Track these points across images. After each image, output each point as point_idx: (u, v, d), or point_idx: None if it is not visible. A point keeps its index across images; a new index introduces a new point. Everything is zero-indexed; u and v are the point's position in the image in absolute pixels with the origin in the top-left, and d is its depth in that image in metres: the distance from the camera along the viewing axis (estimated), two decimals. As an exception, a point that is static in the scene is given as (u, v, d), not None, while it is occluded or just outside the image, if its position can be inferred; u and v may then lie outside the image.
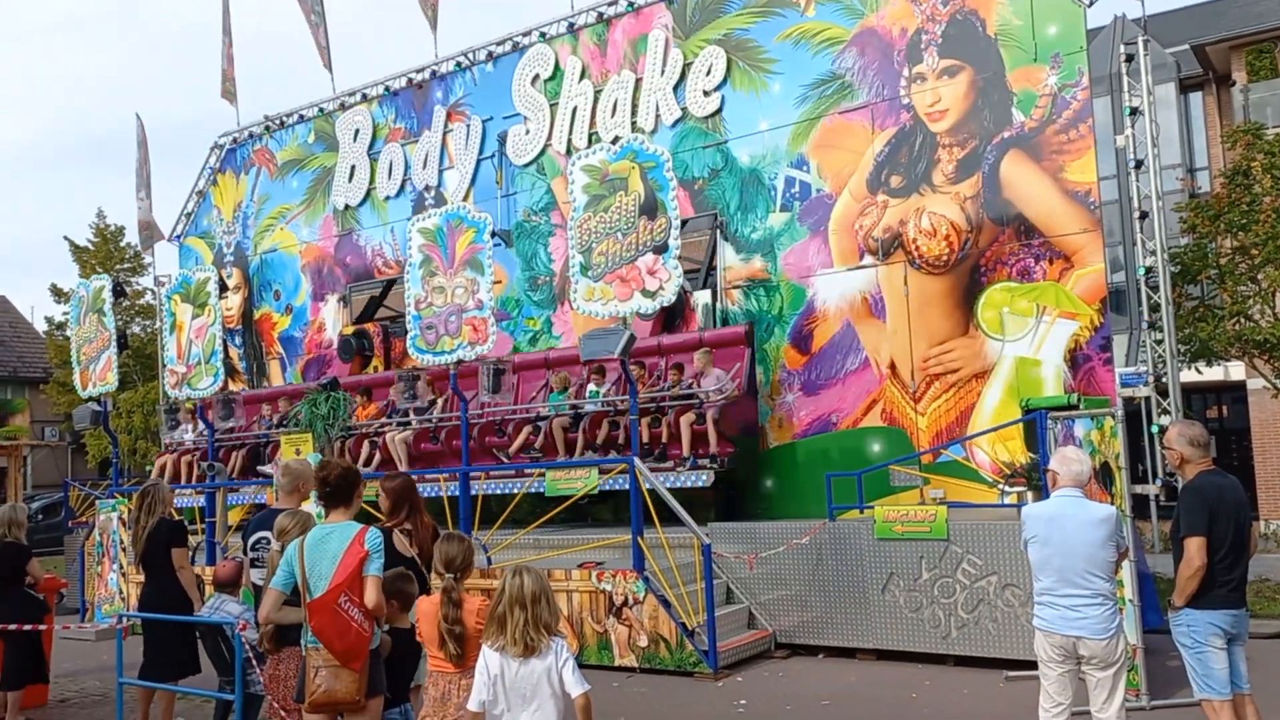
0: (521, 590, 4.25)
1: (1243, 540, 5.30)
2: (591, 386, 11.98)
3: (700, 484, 10.70)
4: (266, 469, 13.54)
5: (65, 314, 28.84)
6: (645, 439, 10.86)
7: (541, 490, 10.58)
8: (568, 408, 11.91)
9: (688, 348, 11.82)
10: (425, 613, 4.78)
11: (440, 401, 13.00)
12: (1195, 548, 5.21)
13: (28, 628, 8.00)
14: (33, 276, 65.47)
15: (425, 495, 12.63)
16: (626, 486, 9.78)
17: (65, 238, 34.75)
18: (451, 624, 4.63)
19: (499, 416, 12.42)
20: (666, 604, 9.21)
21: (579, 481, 10.25)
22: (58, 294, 29.86)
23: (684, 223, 12.54)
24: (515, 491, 10.58)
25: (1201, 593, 5.24)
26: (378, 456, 12.88)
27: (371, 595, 4.77)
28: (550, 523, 10.58)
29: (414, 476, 6.94)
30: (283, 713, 5.66)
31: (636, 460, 9.56)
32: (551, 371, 12.71)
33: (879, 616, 9.17)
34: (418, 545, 5.69)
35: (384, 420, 13.30)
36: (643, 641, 9.27)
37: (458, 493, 10.57)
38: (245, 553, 6.43)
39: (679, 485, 10.62)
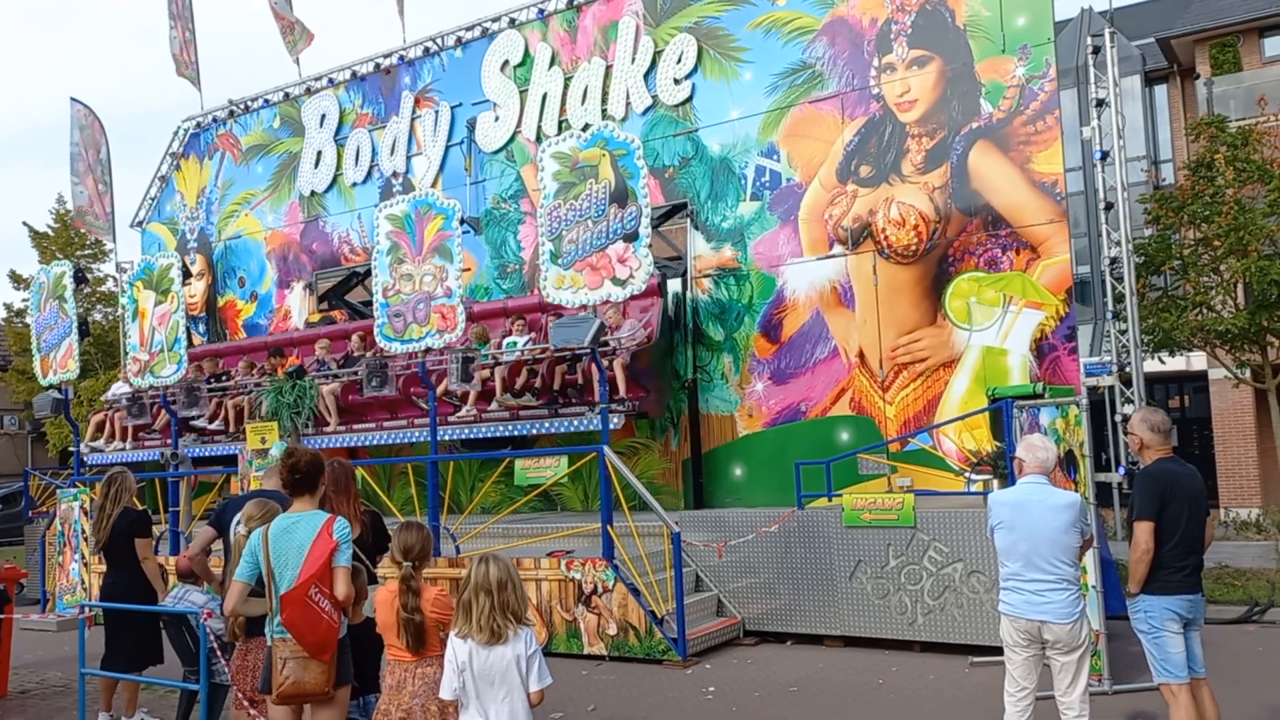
0: (487, 577, 4.24)
1: (1198, 528, 5.37)
2: (511, 338, 12.31)
3: (612, 426, 10.85)
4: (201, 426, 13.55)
5: (25, 301, 28.36)
6: (557, 386, 11.56)
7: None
8: (490, 358, 12.08)
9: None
10: (383, 601, 4.75)
11: (369, 355, 12.97)
12: (1143, 532, 5.29)
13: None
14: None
15: (360, 444, 13.25)
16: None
17: (25, 224, 34.17)
18: (411, 613, 4.61)
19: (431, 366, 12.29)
20: (636, 592, 9.22)
21: (549, 470, 10.22)
22: (17, 281, 29.36)
23: (665, 214, 12.62)
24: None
25: (1157, 579, 5.31)
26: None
27: (341, 587, 4.74)
28: (519, 510, 10.56)
29: (353, 464, 6.87)
30: (247, 703, 5.62)
31: (606, 449, 9.55)
32: (509, 318, 12.82)
33: (847, 603, 9.23)
34: (357, 532, 5.65)
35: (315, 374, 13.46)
36: (612, 630, 9.27)
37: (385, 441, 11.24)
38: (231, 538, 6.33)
39: (590, 428, 11.07)
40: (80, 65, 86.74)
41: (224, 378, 14.46)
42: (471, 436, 12.01)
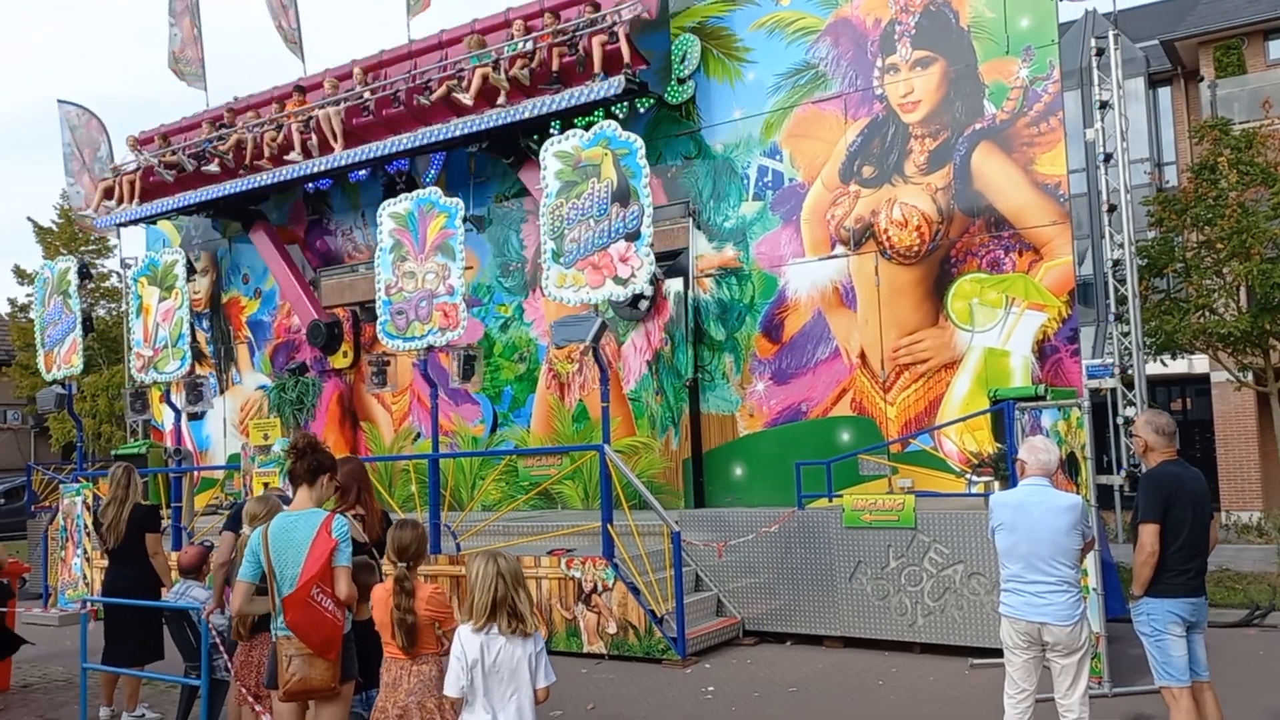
0: (513, 572, 4.25)
1: (1201, 531, 5.37)
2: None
3: (613, 92, 11.46)
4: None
5: (29, 296, 28.42)
6: (556, 68, 12.08)
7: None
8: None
9: None
10: (378, 600, 4.75)
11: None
12: (1148, 534, 5.29)
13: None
14: (-5, 258, 64.48)
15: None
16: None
17: (29, 219, 34.20)
18: (404, 613, 4.60)
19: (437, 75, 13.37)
20: (635, 591, 9.23)
21: (552, 469, 10.24)
22: (21, 276, 29.40)
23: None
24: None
25: (1160, 581, 5.32)
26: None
27: (343, 586, 4.75)
28: (520, 508, 10.57)
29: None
30: (251, 699, 5.63)
31: (607, 448, 9.56)
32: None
33: (846, 604, 9.24)
34: (369, 532, 5.66)
35: None
36: (611, 628, 9.28)
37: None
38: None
39: (590, 98, 11.63)
40: (82, 60, 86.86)
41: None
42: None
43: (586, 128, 9.86)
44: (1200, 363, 20.07)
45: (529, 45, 12.34)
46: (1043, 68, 10.52)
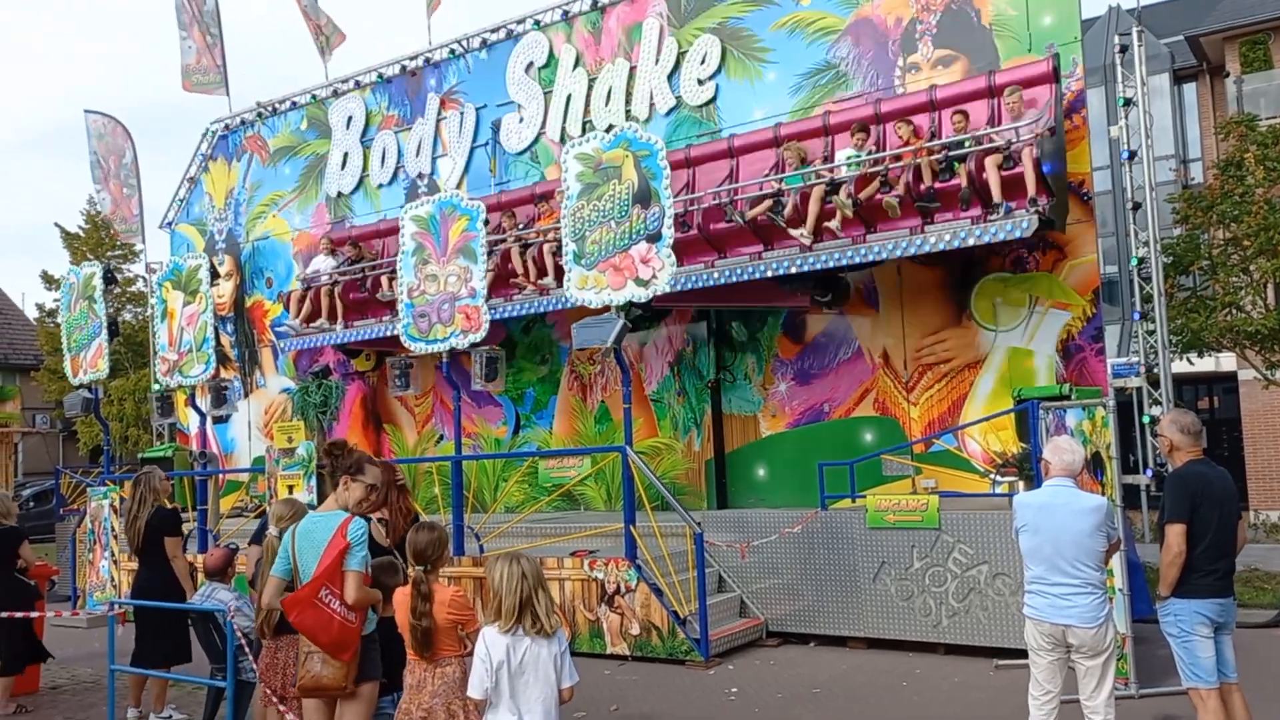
0: (535, 572, 4.26)
1: (1229, 530, 5.33)
2: (849, 150, 10.75)
3: (1021, 232, 9.32)
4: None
5: (56, 301, 28.69)
6: (928, 184, 9.86)
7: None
8: (813, 176, 10.60)
9: (968, 97, 10.53)
10: (399, 603, 4.76)
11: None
12: (1174, 535, 5.25)
13: (19, 615, 7.99)
14: (23, 263, 65.24)
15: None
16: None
17: (56, 224, 34.64)
18: (419, 618, 4.59)
19: (728, 197, 11.18)
20: (659, 592, 9.23)
21: (572, 470, 10.26)
22: (48, 281, 29.75)
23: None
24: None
25: (1187, 582, 5.27)
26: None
27: (351, 591, 4.74)
28: (543, 510, 10.58)
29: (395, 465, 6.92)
30: (274, 699, 5.67)
31: (629, 449, 9.56)
32: (830, 135, 11.33)
33: (870, 605, 9.20)
34: (394, 534, 5.67)
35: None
36: (635, 629, 9.29)
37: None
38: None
39: (993, 239, 9.55)
40: (109, 63, 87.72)
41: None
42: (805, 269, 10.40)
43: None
44: (1227, 361, 19.85)
45: (875, 156, 10.42)
46: (1066, 65, 10.44)
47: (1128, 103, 11.32)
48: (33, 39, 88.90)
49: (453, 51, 15.12)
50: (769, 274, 10.67)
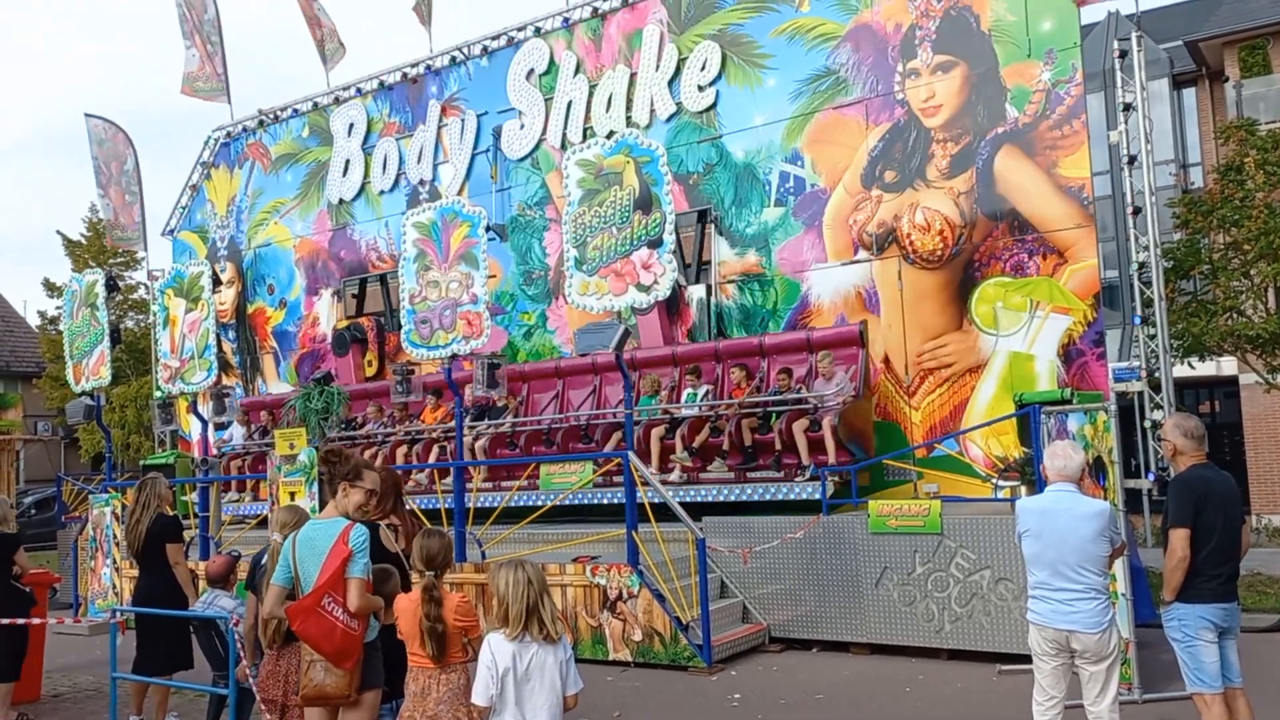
0: (539, 578, 4.26)
1: (1233, 535, 5.32)
2: (689, 390, 11.49)
3: (816, 496, 9.81)
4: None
5: (58, 308, 28.71)
6: (749, 443, 10.65)
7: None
8: (659, 412, 11.31)
9: (792, 348, 11.41)
10: (404, 610, 4.74)
11: (514, 404, 12.68)
12: (1178, 539, 5.24)
13: (20, 622, 7.97)
14: (26, 271, 65.32)
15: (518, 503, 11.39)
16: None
17: (58, 232, 34.65)
18: (433, 622, 4.58)
19: (583, 421, 11.95)
20: (661, 598, 9.22)
21: (573, 476, 10.25)
22: (50, 288, 29.76)
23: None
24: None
25: (1191, 587, 5.26)
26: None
27: (354, 598, 4.72)
28: (544, 516, 10.57)
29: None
30: (269, 709, 5.64)
31: (631, 455, 9.56)
32: (678, 366, 11.98)
33: (873, 610, 9.19)
34: (405, 539, 5.67)
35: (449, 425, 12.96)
36: (637, 636, 9.28)
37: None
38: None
39: (796, 497, 10.07)
40: (109, 64, 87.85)
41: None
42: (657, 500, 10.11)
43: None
44: (1228, 365, 19.84)
45: (712, 404, 11.02)
46: (1065, 70, 10.47)
47: (1127, 108, 11.35)
48: (33, 39, 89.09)
49: (454, 59, 15.17)
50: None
